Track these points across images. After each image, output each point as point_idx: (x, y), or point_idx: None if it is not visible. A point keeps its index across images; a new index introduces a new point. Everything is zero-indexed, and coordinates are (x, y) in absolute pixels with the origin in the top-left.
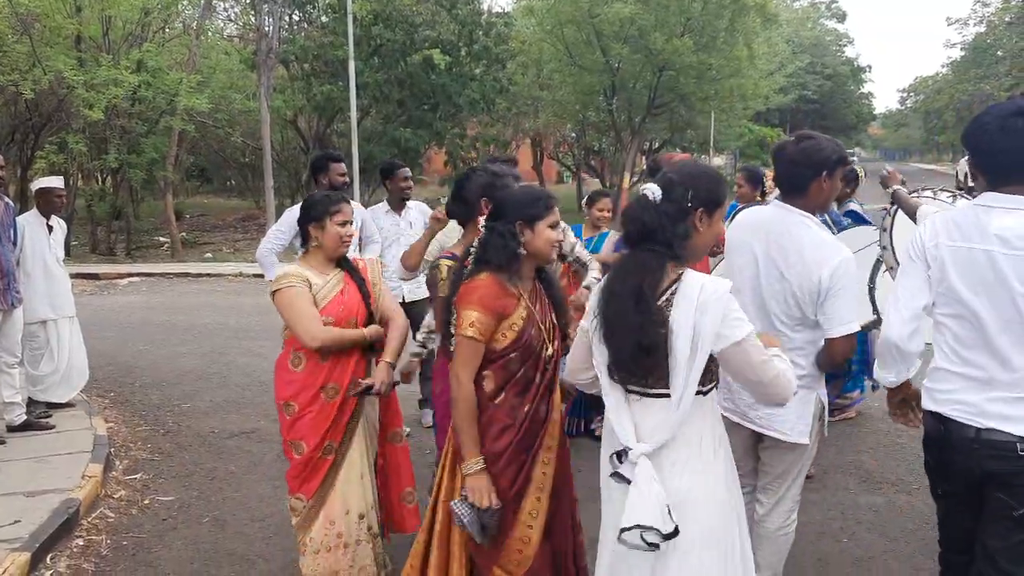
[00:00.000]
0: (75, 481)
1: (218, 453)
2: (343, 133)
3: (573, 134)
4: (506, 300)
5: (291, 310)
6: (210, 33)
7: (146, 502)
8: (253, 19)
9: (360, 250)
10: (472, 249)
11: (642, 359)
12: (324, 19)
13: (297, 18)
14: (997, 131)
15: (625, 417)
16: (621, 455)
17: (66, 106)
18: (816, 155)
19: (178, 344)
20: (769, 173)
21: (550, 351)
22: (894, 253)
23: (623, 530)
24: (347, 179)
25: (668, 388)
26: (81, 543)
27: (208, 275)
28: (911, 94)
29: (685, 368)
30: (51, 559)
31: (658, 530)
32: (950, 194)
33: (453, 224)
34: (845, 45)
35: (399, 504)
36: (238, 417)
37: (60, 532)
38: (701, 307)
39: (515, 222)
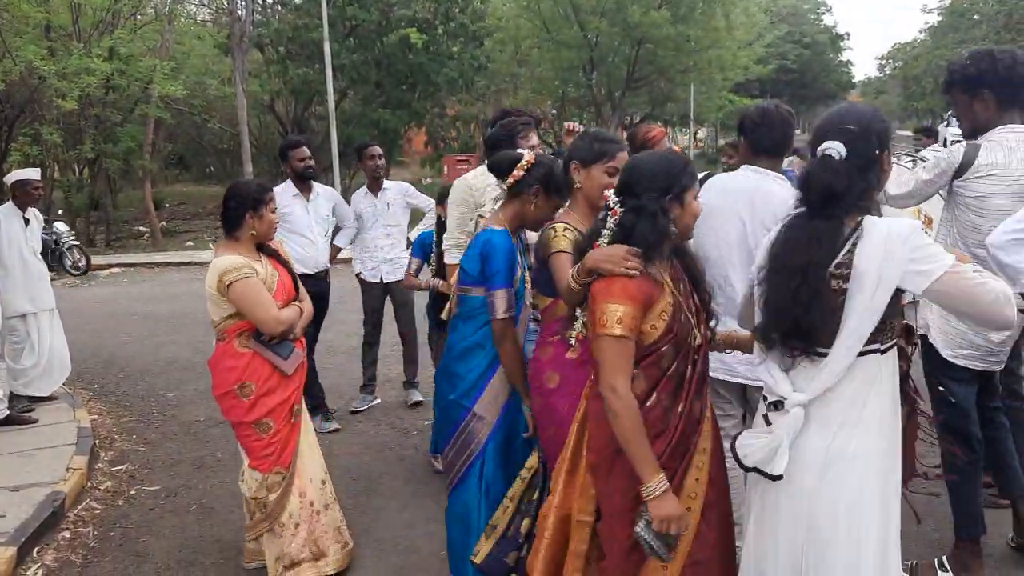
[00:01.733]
0: (60, 474)
1: (204, 442)
2: (321, 116)
3: (553, 110)
4: (652, 287)
5: (252, 299)
6: (182, 18)
7: (132, 493)
8: (226, 2)
9: (334, 234)
10: (607, 231)
11: (805, 331)
12: (298, 0)
13: (271, 0)
14: None
15: (779, 372)
16: (777, 405)
17: (38, 97)
18: (791, 118)
19: (161, 334)
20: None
21: (698, 339)
22: None
23: (744, 468)
24: (310, 163)
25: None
26: (68, 536)
27: (189, 264)
28: (889, 61)
29: (856, 320)
30: (38, 552)
31: (767, 473)
32: (910, 158)
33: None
34: (823, 13)
35: None
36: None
37: (46, 525)
38: (888, 255)
39: (663, 197)
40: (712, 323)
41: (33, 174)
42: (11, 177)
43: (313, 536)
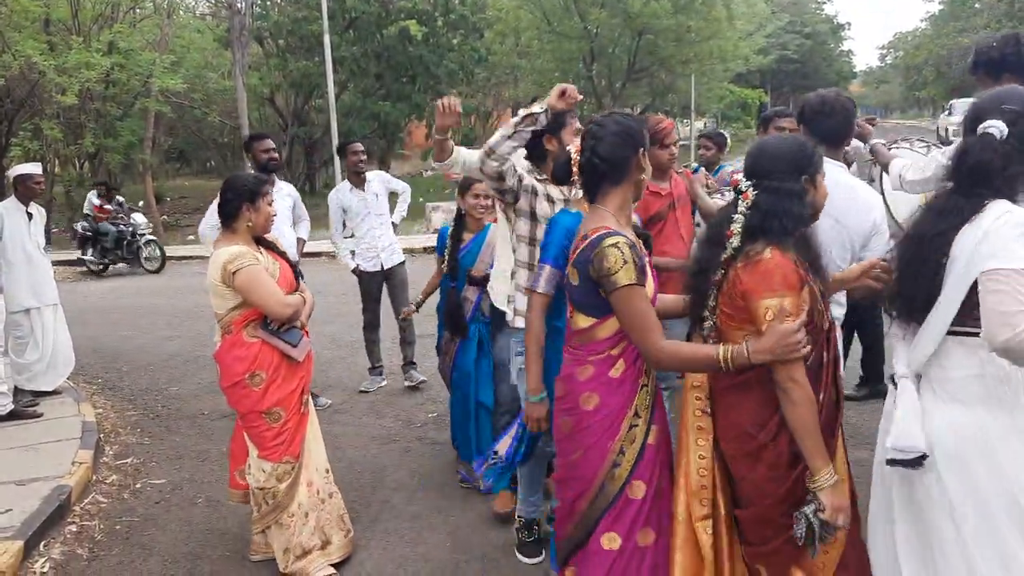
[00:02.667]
0: (65, 468)
1: (208, 435)
2: (321, 109)
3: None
4: (800, 275)
5: (260, 286)
6: (182, 12)
7: (138, 486)
8: None
9: (294, 227)
10: (739, 215)
11: (908, 300)
12: None
13: None
14: None
15: (900, 345)
16: (892, 378)
17: (38, 91)
18: (852, 107)
19: (164, 327)
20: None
21: (826, 323)
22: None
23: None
24: (275, 155)
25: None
26: (74, 529)
27: (191, 258)
28: (891, 50)
29: (947, 298)
30: (44, 546)
31: (911, 455)
32: (924, 144)
33: None
34: (824, 3)
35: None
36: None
37: (52, 519)
38: (986, 235)
39: (799, 178)
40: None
41: (34, 168)
42: (12, 172)
43: (320, 524)
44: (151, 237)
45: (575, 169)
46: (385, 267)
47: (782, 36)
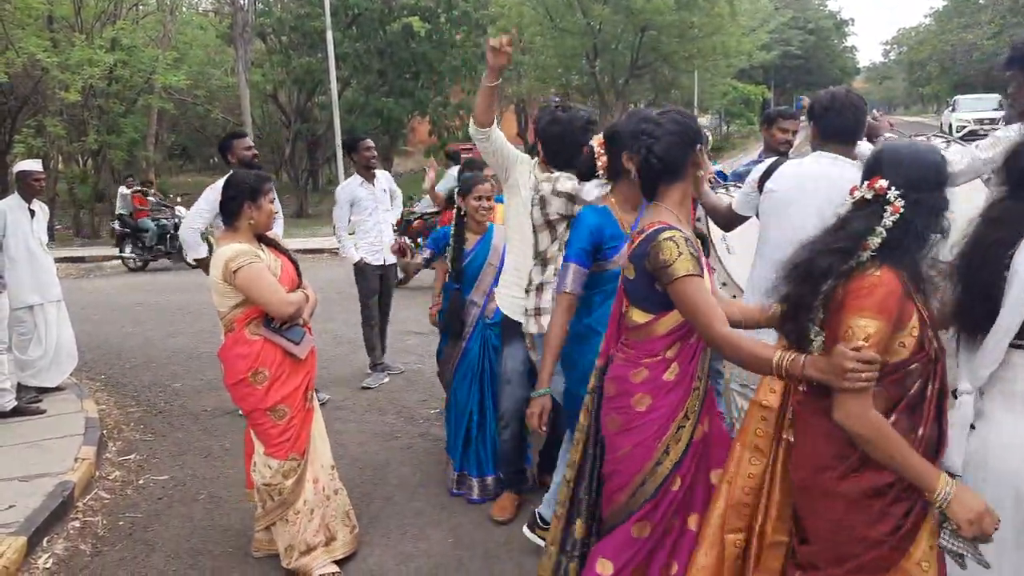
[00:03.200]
0: (68, 464)
1: (211, 431)
2: (324, 106)
3: (557, 98)
4: (905, 301)
5: (261, 284)
6: (184, 8)
7: (141, 482)
8: None
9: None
10: (882, 228)
11: (967, 312)
12: None
13: None
14: None
15: (963, 359)
16: (954, 393)
17: (42, 88)
18: (862, 104)
19: (167, 324)
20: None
21: (936, 352)
22: None
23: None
24: (255, 152)
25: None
26: (77, 525)
27: None
28: (894, 46)
29: (1010, 311)
30: (47, 542)
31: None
32: (944, 140)
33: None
34: None
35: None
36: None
37: (56, 515)
38: None
39: (941, 192)
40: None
41: (35, 165)
42: (15, 168)
43: (325, 521)
44: None
45: (600, 164)
46: (386, 263)
47: (785, 32)
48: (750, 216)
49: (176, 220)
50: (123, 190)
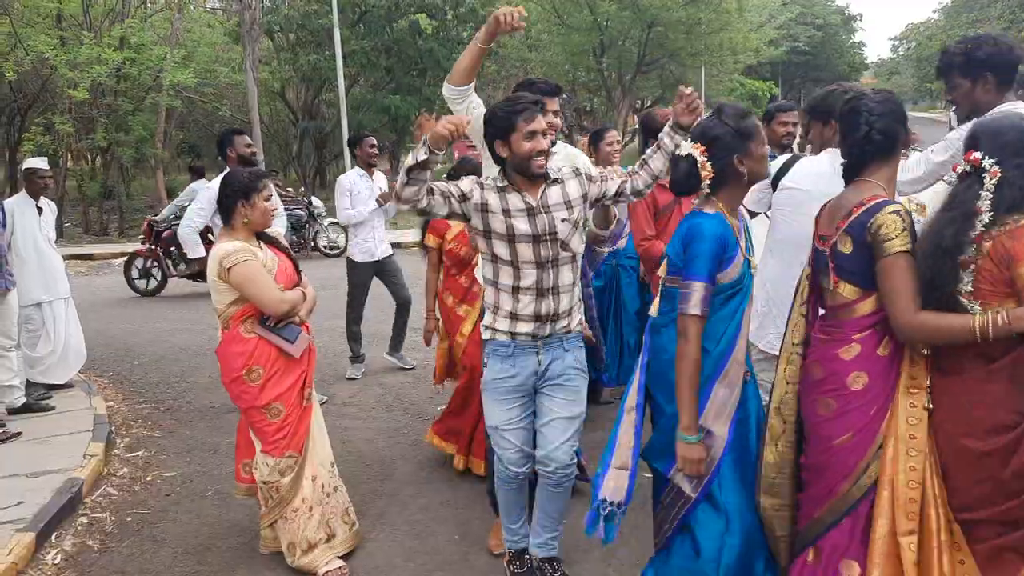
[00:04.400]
0: (77, 460)
1: (218, 428)
2: (332, 103)
3: (564, 95)
4: None
5: (255, 281)
6: (192, 7)
7: (149, 478)
8: None
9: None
10: (987, 192)
11: None
12: None
13: None
14: None
15: None
16: None
17: (50, 86)
18: None
19: (175, 321)
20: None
21: None
22: None
23: None
24: (254, 149)
25: None
26: (85, 521)
27: None
28: (903, 42)
29: None
30: (56, 538)
31: None
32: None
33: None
34: None
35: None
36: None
37: (64, 511)
38: None
39: None
40: None
41: (41, 163)
42: (22, 166)
43: (325, 518)
44: (333, 219)
45: (705, 174)
46: (378, 257)
47: (793, 28)
48: (760, 212)
49: (309, 210)
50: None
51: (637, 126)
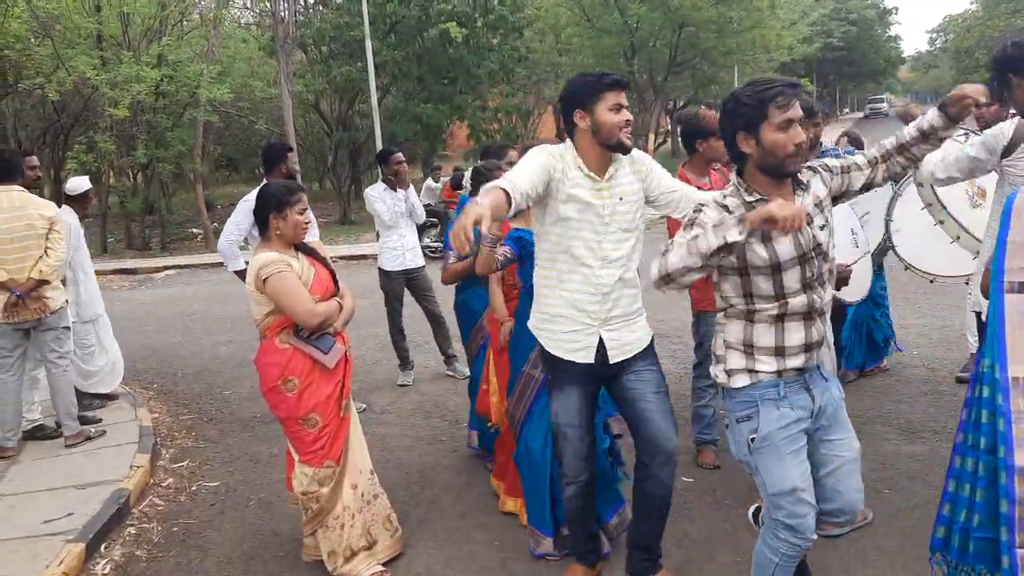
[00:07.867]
0: (124, 472)
1: (260, 438)
2: (365, 113)
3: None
4: None
5: (288, 293)
6: (227, 22)
7: (193, 488)
8: (269, 5)
9: None
10: None
11: None
12: (339, 0)
13: (312, 1)
14: None
15: None
16: None
17: (92, 105)
18: None
19: (217, 333)
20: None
21: None
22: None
23: None
24: (296, 167)
25: None
26: (133, 531)
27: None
28: (940, 34)
29: None
30: (105, 548)
31: None
32: (963, 132)
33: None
34: None
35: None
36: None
37: (112, 522)
38: None
39: None
40: None
41: (88, 183)
42: (68, 188)
43: (366, 526)
44: None
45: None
46: (408, 267)
47: (827, 24)
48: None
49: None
50: (430, 183)
51: (670, 127)
